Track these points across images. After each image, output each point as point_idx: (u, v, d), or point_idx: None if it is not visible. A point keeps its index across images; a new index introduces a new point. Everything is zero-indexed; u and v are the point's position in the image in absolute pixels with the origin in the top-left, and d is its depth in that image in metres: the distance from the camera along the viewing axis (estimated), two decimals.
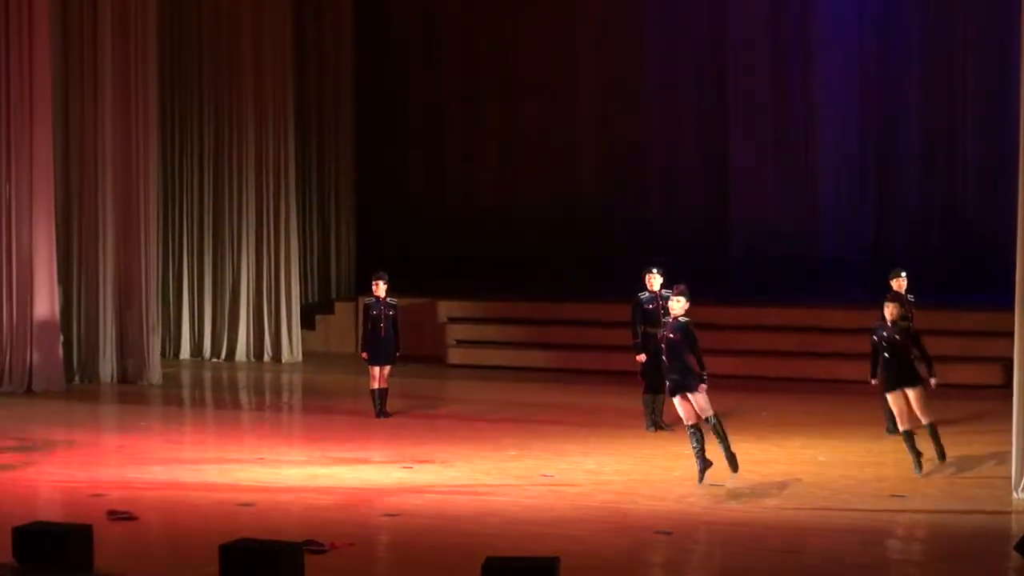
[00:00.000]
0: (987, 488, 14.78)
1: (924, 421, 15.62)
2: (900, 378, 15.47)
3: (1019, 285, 14.31)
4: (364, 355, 19.36)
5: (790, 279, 25.65)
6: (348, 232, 27.69)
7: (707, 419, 14.97)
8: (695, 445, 14.91)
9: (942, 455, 15.70)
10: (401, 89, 28.40)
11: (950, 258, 24.96)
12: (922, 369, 15.71)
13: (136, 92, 22.80)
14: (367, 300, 19.58)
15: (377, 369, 19.25)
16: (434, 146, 28.45)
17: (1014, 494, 14.24)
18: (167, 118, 25.20)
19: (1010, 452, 14.45)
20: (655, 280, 17.97)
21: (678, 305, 15.22)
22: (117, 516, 13.82)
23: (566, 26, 27.41)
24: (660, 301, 17.86)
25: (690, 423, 14.99)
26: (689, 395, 14.96)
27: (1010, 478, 14.40)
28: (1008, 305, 14.80)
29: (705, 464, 14.89)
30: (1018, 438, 14.24)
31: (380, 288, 19.23)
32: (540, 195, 27.61)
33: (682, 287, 15.37)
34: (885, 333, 15.64)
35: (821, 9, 25.76)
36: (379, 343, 19.19)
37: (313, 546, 12.40)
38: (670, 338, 15.17)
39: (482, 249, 27.35)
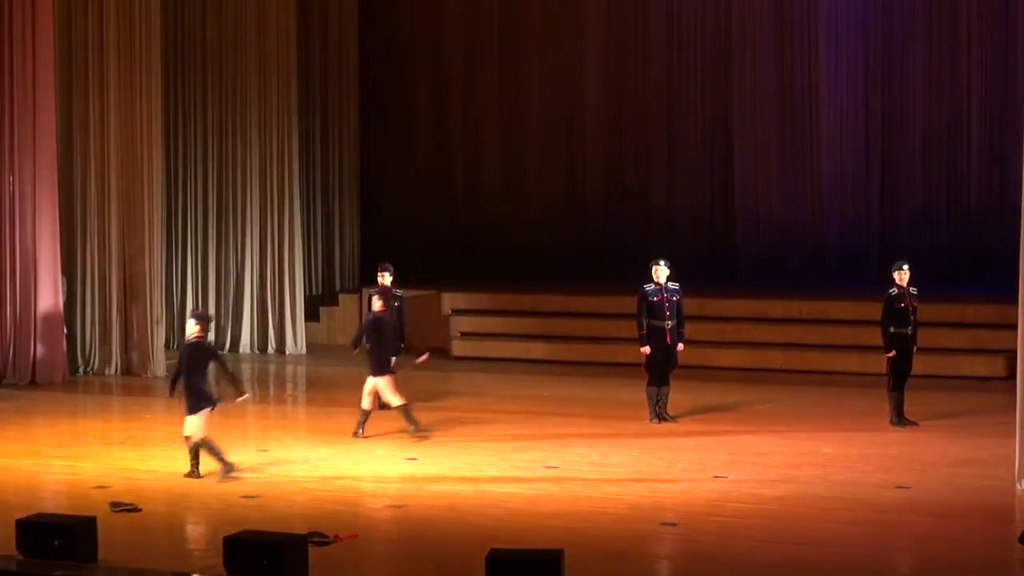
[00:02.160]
0: (991, 479, 14.79)
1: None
2: None
3: (1022, 278, 14.30)
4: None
5: (795, 271, 25.65)
6: (352, 224, 27.67)
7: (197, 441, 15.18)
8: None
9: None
10: (405, 80, 28.39)
11: (954, 250, 24.94)
12: None
13: (140, 84, 22.78)
14: (373, 291, 19.57)
15: None
16: (438, 138, 28.43)
17: (1017, 485, 14.24)
18: (171, 110, 25.19)
19: (1013, 444, 14.46)
20: (662, 272, 17.94)
21: (189, 326, 15.54)
22: (121, 508, 13.83)
23: (571, 17, 27.38)
24: (665, 294, 17.87)
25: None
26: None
27: (1013, 469, 14.40)
28: (1012, 297, 14.81)
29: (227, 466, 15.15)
30: (1021, 430, 14.24)
31: (385, 279, 19.22)
32: (545, 187, 27.59)
33: (197, 311, 16.01)
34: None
35: (826, 3, 25.71)
36: None
37: (317, 538, 12.41)
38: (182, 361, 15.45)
39: (486, 241, 27.35)
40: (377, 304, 17.62)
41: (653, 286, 17.93)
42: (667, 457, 16.11)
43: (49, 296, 21.88)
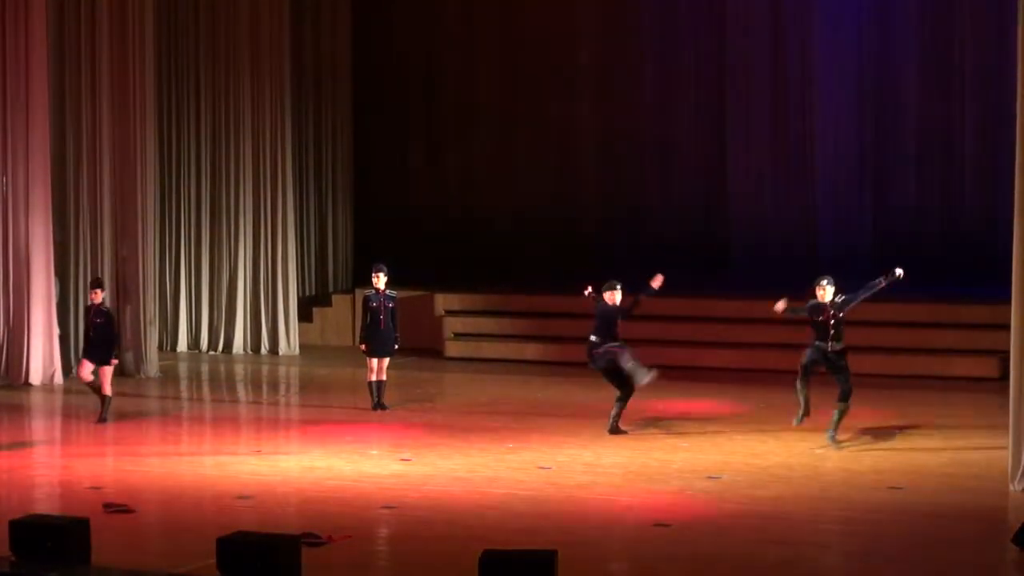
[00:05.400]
0: (984, 480, 14.79)
1: None
2: None
3: (1016, 278, 14.32)
4: (363, 347, 19.36)
5: (788, 272, 25.62)
6: (345, 225, 27.67)
7: None
8: None
9: None
10: (399, 82, 28.38)
11: (947, 251, 24.95)
12: None
13: (133, 85, 22.77)
14: (367, 292, 19.58)
15: (375, 361, 19.24)
16: (432, 139, 28.42)
17: (1010, 486, 14.25)
18: (164, 111, 25.16)
19: (1007, 444, 14.47)
20: (617, 296, 17.70)
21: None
22: (114, 509, 13.81)
23: (566, 21, 27.37)
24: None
25: None
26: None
27: (1007, 470, 14.41)
28: (1005, 298, 14.82)
29: None
30: (1015, 431, 14.26)
31: (380, 280, 19.24)
32: (538, 188, 27.58)
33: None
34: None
35: (820, 4, 25.73)
36: (378, 335, 19.20)
37: (311, 539, 12.40)
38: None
39: (480, 242, 27.34)
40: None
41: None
42: (660, 458, 16.12)
43: (42, 296, 21.86)
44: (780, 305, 17.28)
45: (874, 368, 21.12)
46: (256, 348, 25.28)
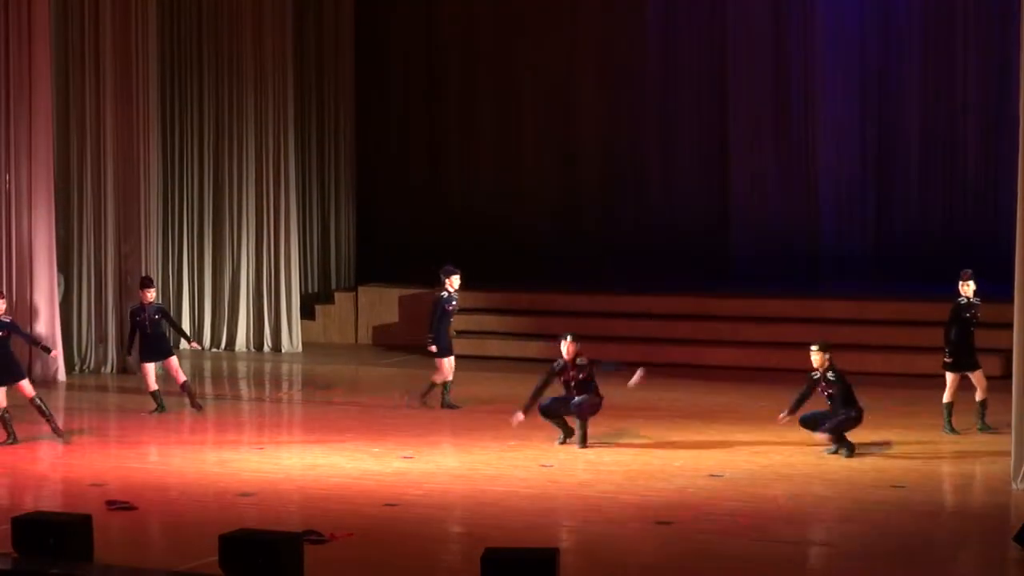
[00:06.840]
0: (986, 479, 14.80)
1: None
2: None
3: (1018, 276, 14.32)
4: (433, 348, 19.33)
5: (790, 271, 25.64)
6: (348, 222, 27.67)
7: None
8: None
9: None
10: (401, 80, 28.38)
11: (950, 250, 24.91)
12: None
13: (137, 82, 22.79)
14: (442, 293, 19.51)
15: (448, 361, 19.30)
16: (434, 137, 28.41)
17: (1013, 485, 14.26)
18: (168, 108, 25.19)
19: (1008, 443, 14.47)
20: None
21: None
22: (116, 506, 13.83)
23: (567, 19, 27.36)
24: (571, 371, 17.46)
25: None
26: None
27: (1008, 469, 14.42)
28: (1008, 297, 14.82)
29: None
30: (1017, 429, 14.26)
31: (454, 283, 19.38)
32: (541, 186, 27.57)
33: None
34: None
35: (822, 8, 25.72)
36: (446, 336, 19.33)
37: (313, 536, 12.42)
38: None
39: (482, 239, 27.33)
40: None
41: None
42: (662, 456, 16.12)
43: (45, 293, 21.86)
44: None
45: (876, 367, 21.11)
46: (259, 345, 25.29)
